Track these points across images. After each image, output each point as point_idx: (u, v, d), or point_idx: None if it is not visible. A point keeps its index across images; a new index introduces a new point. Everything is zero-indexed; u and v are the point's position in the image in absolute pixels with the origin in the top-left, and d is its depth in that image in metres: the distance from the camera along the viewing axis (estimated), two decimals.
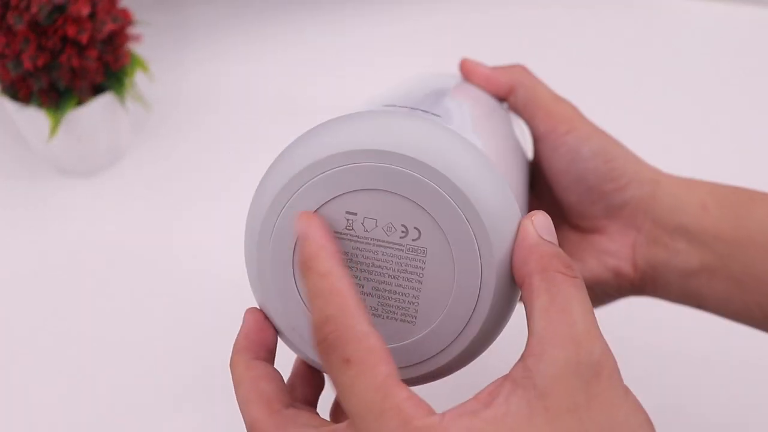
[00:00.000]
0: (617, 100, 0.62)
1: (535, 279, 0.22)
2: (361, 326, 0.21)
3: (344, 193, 0.23)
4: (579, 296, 0.22)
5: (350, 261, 0.24)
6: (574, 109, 0.35)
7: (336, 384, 0.21)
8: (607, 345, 0.21)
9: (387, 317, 0.24)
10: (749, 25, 0.71)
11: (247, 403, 0.24)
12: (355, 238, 0.23)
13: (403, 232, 0.23)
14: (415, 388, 0.22)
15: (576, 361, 0.20)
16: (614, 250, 0.34)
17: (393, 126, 0.23)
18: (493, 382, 0.22)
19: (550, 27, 0.71)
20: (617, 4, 0.74)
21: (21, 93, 0.51)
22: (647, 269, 0.34)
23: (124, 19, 0.51)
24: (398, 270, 0.23)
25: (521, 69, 0.36)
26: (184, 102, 0.63)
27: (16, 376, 0.45)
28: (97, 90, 0.53)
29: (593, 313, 0.22)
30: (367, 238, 0.23)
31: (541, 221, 0.23)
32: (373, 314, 0.24)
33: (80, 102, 0.52)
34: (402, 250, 0.23)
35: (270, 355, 0.26)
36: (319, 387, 0.28)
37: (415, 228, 0.23)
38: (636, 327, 0.47)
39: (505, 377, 0.21)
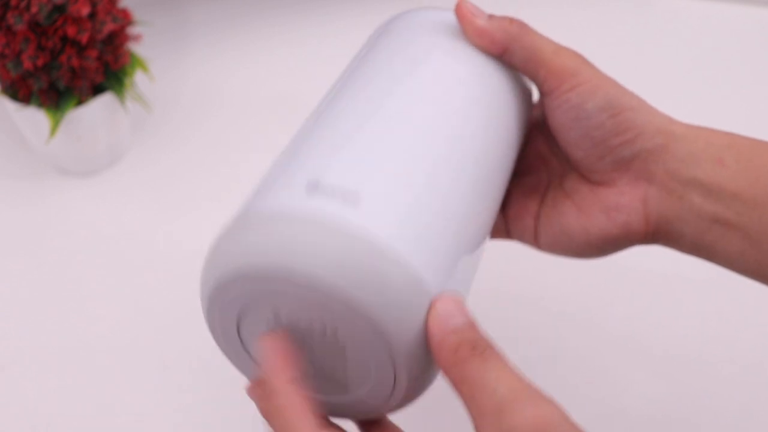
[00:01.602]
0: None
1: (451, 373, 0.23)
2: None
3: (261, 299, 0.24)
4: (489, 365, 0.23)
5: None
6: (578, 61, 0.32)
7: None
8: (538, 395, 0.22)
9: (325, 380, 0.27)
10: (749, 25, 0.71)
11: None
12: (283, 328, 0.26)
13: (322, 328, 0.25)
14: None
15: (499, 430, 0.21)
16: (624, 204, 0.32)
17: (287, 242, 0.23)
18: None
19: (551, 27, 0.71)
20: (617, 4, 0.74)
21: (21, 93, 0.51)
22: (660, 221, 0.32)
23: (124, 19, 0.51)
24: (325, 355, 0.26)
25: (519, 27, 0.33)
26: (184, 102, 0.63)
27: (16, 375, 0.45)
28: (97, 90, 0.53)
29: (511, 369, 0.23)
30: (294, 330, 0.25)
31: (443, 310, 0.24)
32: (313, 376, 0.27)
33: (80, 102, 0.52)
34: (325, 340, 0.25)
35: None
36: None
37: (332, 326, 0.24)
38: (633, 328, 0.47)
39: None
